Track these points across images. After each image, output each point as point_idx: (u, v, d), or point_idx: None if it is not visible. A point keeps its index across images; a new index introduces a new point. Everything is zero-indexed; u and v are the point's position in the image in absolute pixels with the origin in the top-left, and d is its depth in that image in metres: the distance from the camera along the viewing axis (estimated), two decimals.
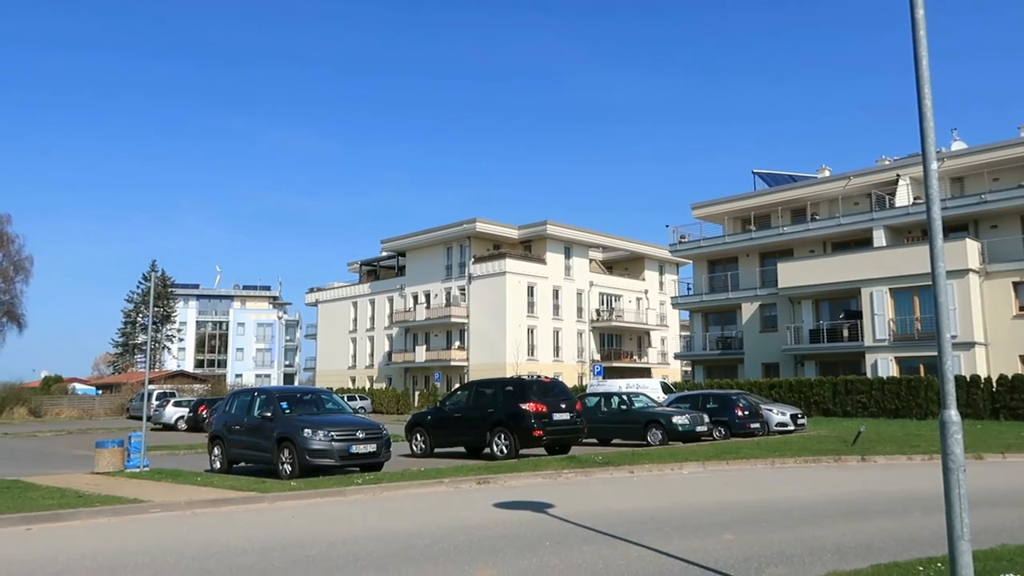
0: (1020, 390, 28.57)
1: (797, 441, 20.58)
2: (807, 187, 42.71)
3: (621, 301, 62.01)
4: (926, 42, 5.49)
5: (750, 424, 22.98)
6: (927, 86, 5.46)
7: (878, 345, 34.97)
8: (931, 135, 5.49)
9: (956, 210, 34.95)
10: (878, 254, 35.76)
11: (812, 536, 8.27)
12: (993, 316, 33.15)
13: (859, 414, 31.69)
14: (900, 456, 16.82)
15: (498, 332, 53.60)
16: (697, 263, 46.82)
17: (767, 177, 47.49)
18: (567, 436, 18.02)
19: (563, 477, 13.89)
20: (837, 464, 16.16)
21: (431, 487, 12.74)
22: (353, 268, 72.33)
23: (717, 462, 15.74)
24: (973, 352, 32.32)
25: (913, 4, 5.54)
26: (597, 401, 23.46)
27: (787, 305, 39.70)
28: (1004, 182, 35.31)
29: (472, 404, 18.80)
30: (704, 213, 46.42)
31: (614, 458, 15.98)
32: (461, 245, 57.82)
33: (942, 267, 5.29)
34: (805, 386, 34.30)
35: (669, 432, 20.69)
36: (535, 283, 55.63)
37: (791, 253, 41.46)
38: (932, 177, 5.49)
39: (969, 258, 32.79)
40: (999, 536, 7.83)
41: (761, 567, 6.82)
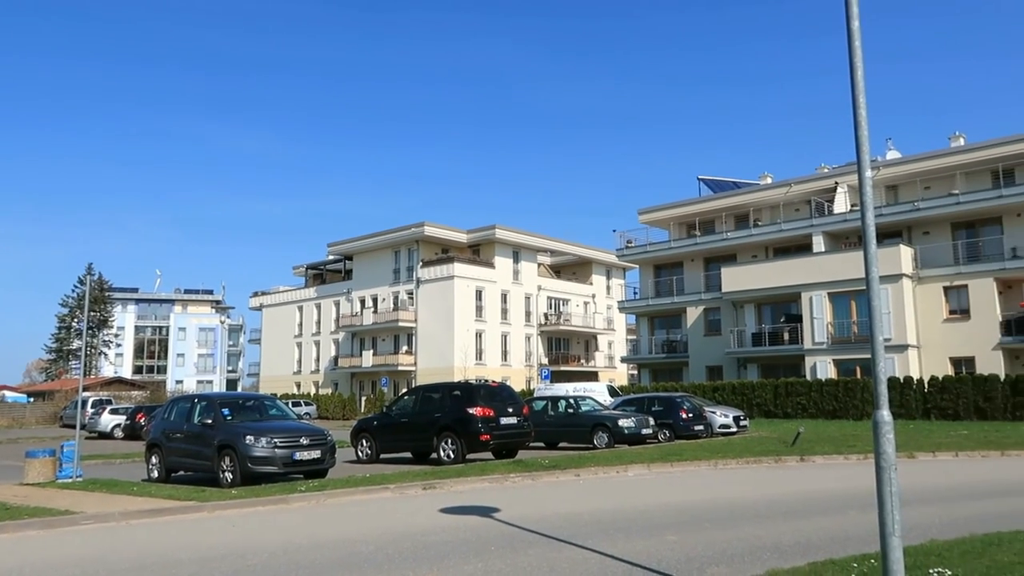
0: (950, 391, 29.65)
1: (739, 442, 20.99)
2: (750, 194, 43.69)
3: (569, 305, 62.42)
4: (861, 53, 5.64)
5: (694, 426, 23.34)
6: (862, 96, 5.61)
7: (817, 348, 35.92)
8: (865, 144, 5.64)
9: (891, 217, 36.16)
10: (817, 259, 36.76)
11: (753, 535, 8.43)
12: (925, 320, 34.35)
13: (799, 415, 32.47)
14: (837, 456, 17.28)
15: (446, 336, 53.40)
16: (643, 267, 47.44)
17: (712, 183, 48.43)
18: (514, 440, 18.04)
19: (510, 481, 13.88)
20: (777, 464, 16.53)
21: (376, 493, 12.59)
22: (299, 272, 71.23)
23: (662, 464, 15.94)
24: (906, 354, 33.44)
25: (849, 16, 5.70)
26: (544, 405, 23.55)
27: (730, 309, 40.49)
28: (935, 190, 36.67)
29: (419, 409, 18.66)
30: (650, 218, 47.07)
31: (561, 461, 16.05)
32: (409, 249, 57.47)
33: (876, 272, 5.44)
34: (747, 388, 35.02)
35: (615, 435, 20.87)
36: (483, 287, 55.62)
37: (735, 258, 42.31)
38: (866, 185, 5.65)
39: (903, 263, 33.93)
40: (929, 532, 8.10)
41: (703, 567, 6.92)
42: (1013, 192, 33.14)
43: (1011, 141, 34.51)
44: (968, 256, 34.72)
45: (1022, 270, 32.48)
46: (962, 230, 35.56)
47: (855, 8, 5.67)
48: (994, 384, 28.88)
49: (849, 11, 5.69)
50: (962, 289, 33.73)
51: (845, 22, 5.73)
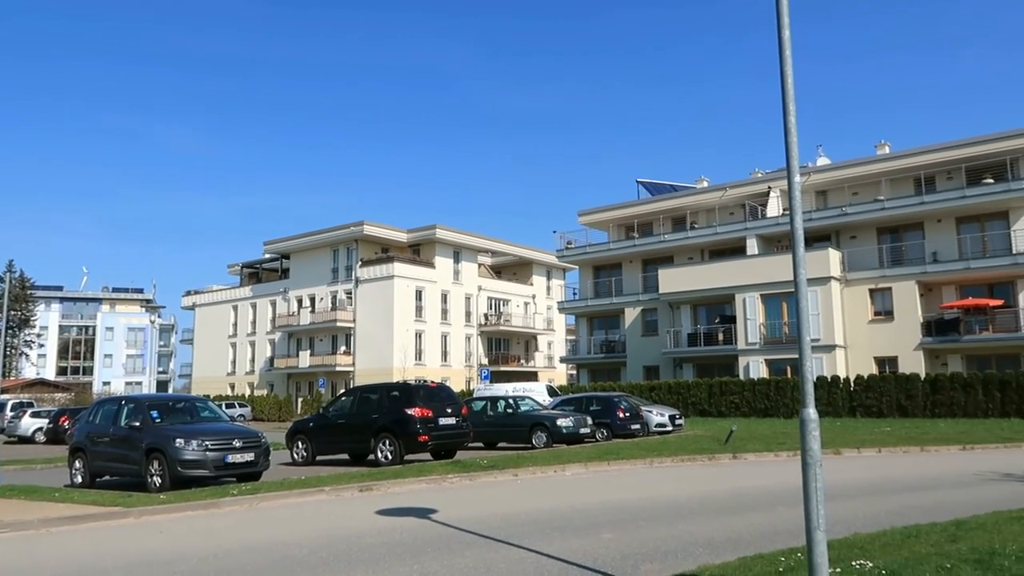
0: (874, 389, 30.80)
1: (675, 441, 21.37)
2: (687, 197, 44.56)
3: (509, 305, 62.59)
4: (791, 61, 5.81)
5: (631, 425, 23.66)
6: (791, 103, 5.78)
7: (750, 348, 36.85)
8: (795, 150, 5.81)
9: (820, 221, 37.35)
10: (750, 262, 37.72)
11: (686, 532, 8.59)
12: (852, 321, 35.58)
13: (732, 414, 33.25)
14: (768, 453, 17.76)
15: (385, 336, 52.93)
16: (583, 268, 47.90)
17: (650, 186, 49.22)
18: (453, 441, 18.00)
19: (448, 482, 13.83)
20: (711, 462, 16.89)
21: (312, 496, 12.39)
22: (234, 270, 69.62)
23: (599, 463, 16.11)
24: (834, 354, 34.58)
25: (780, 25, 5.85)
26: (483, 405, 23.56)
27: (667, 310, 41.21)
28: (863, 196, 38.04)
29: (356, 410, 18.44)
30: (590, 220, 47.57)
31: (499, 462, 16.07)
32: (348, 248, 56.76)
33: (803, 274, 5.60)
34: (683, 388, 35.69)
35: (554, 435, 21.01)
36: (424, 287, 55.33)
37: (672, 260, 43.07)
38: (795, 190, 5.81)
39: (831, 266, 35.08)
40: (853, 525, 8.38)
41: (637, 564, 7.02)
42: (934, 199, 34.61)
43: (932, 150, 36.04)
44: (892, 260, 36.12)
45: (942, 274, 33.93)
46: (887, 235, 36.98)
47: (786, 18, 5.83)
48: (915, 383, 30.11)
49: (780, 21, 5.85)
50: (886, 291, 35.06)
51: (776, 32, 5.89)
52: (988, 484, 12.28)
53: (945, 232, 35.10)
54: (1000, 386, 28.34)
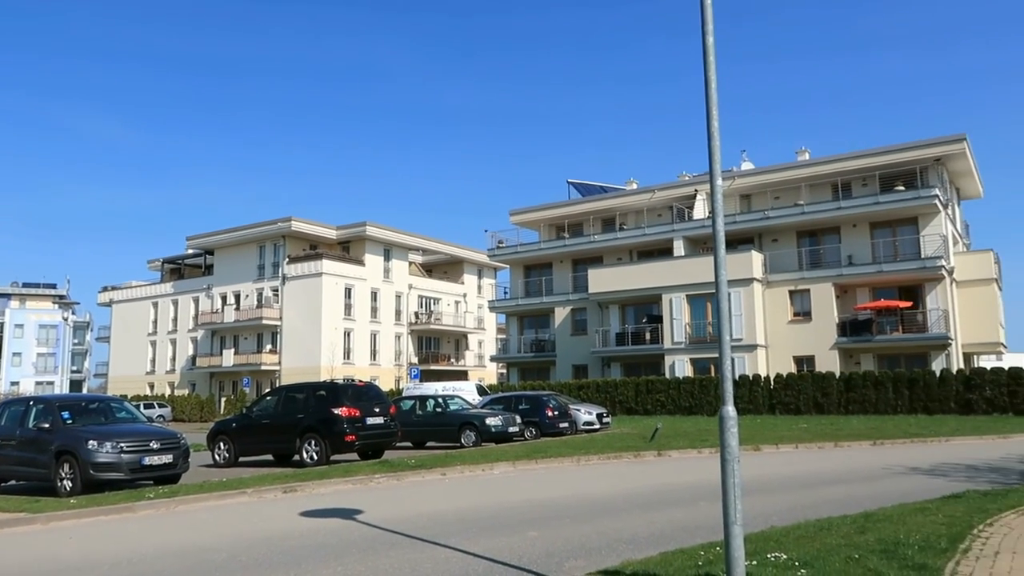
0: (793, 387, 31.91)
1: (602, 439, 21.66)
2: (616, 198, 45.23)
3: (440, 304, 62.34)
4: (715, 68, 5.94)
5: (559, 424, 23.88)
6: (715, 108, 5.91)
7: (676, 347, 37.67)
8: (717, 155, 5.94)
9: (744, 224, 38.46)
10: (677, 263, 38.55)
11: (611, 528, 8.71)
12: (773, 321, 36.76)
13: (658, 412, 33.94)
14: (692, 450, 18.17)
15: (313, 335, 52.02)
16: (514, 268, 48.10)
17: (581, 187, 49.76)
18: (381, 440, 17.80)
19: (374, 482, 13.68)
20: (637, 460, 17.19)
21: (233, 498, 12.07)
22: (155, 266, 67.24)
23: (527, 461, 16.20)
24: (756, 353, 35.66)
25: (704, 32, 5.98)
26: (412, 404, 23.41)
27: (596, 309, 41.75)
28: (784, 200, 39.33)
29: (282, 410, 18.05)
30: (521, 219, 47.80)
31: (427, 461, 15.99)
32: (275, 244, 55.53)
33: (724, 275, 5.74)
34: (611, 386, 36.22)
35: (482, 434, 21.02)
36: (353, 285, 54.59)
37: (601, 260, 43.65)
38: (717, 193, 5.94)
39: (754, 268, 36.17)
40: (771, 519, 8.65)
41: (562, 561, 7.08)
42: (849, 205, 36.08)
43: (848, 158, 37.54)
44: (811, 263, 37.48)
45: (856, 276, 35.38)
46: (806, 238, 38.34)
47: (710, 25, 5.97)
48: (830, 381, 31.32)
49: (704, 27, 5.98)
50: (805, 293, 36.35)
51: (701, 39, 6.02)
52: (895, 477, 12.86)
53: (860, 236, 36.61)
54: (908, 384, 29.73)
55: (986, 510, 8.58)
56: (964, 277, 36.72)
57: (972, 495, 9.82)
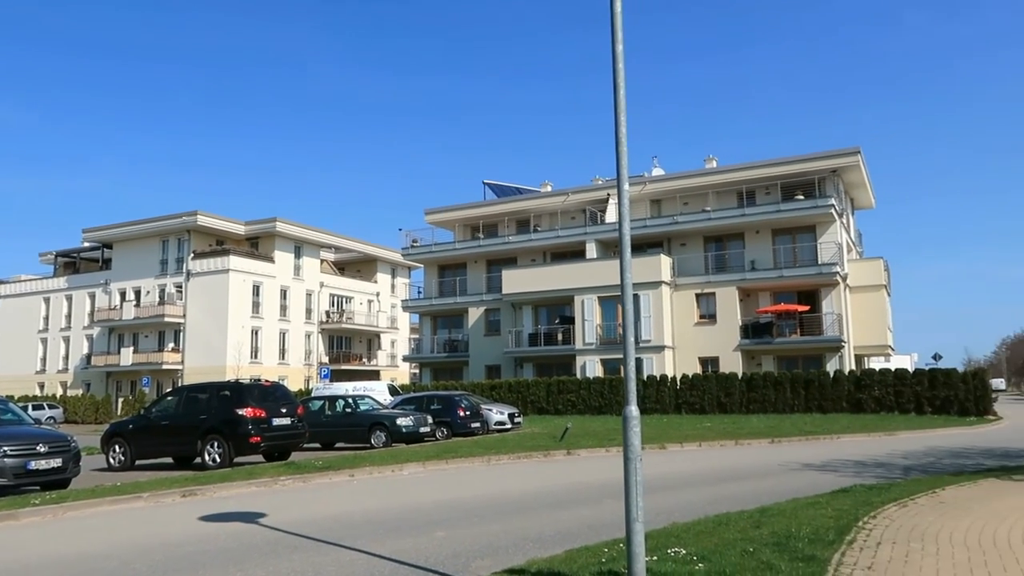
0: (698, 388, 32.93)
1: (513, 439, 21.81)
2: (531, 200, 45.63)
3: (352, 303, 61.41)
4: (624, 75, 6.07)
5: (471, 424, 23.91)
6: (623, 115, 6.04)
7: (587, 348, 38.29)
8: (624, 160, 6.07)
9: (654, 229, 39.44)
10: (589, 265, 39.19)
11: (518, 527, 8.78)
12: (680, 323, 37.85)
13: (569, 411, 34.42)
14: (600, 449, 18.51)
15: (218, 333, 50.35)
16: (428, 267, 47.87)
17: (496, 188, 49.97)
18: (287, 442, 17.40)
19: (279, 484, 13.35)
20: (546, 459, 17.38)
21: (127, 503, 11.55)
22: (47, 259, 63.60)
23: (437, 462, 16.14)
24: (663, 354, 36.64)
25: (614, 39, 6.10)
26: (322, 404, 22.98)
27: (510, 310, 41.99)
28: (692, 206, 40.57)
29: (183, 411, 17.38)
30: (437, 219, 47.62)
31: (335, 462, 15.72)
32: (179, 239, 53.48)
33: (629, 278, 5.88)
34: (523, 386, 36.50)
35: (393, 434, 20.83)
36: (261, 282, 53.14)
37: (515, 261, 43.94)
38: (624, 197, 6.08)
39: (663, 272, 37.15)
40: (673, 515, 8.90)
41: (468, 561, 7.09)
42: (753, 212, 37.53)
43: (753, 167, 39.07)
44: (716, 267, 38.79)
45: (759, 281, 36.82)
46: (712, 243, 39.64)
47: (620, 33, 6.10)
48: (733, 381, 32.48)
49: (614, 35, 6.10)
50: (711, 296, 37.57)
51: (611, 44, 6.14)
52: (790, 473, 13.46)
53: (762, 242, 38.13)
54: (805, 384, 31.16)
55: (871, 503, 9.09)
56: (857, 283, 38.75)
57: (859, 489, 10.37)
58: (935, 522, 7.93)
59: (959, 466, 13.85)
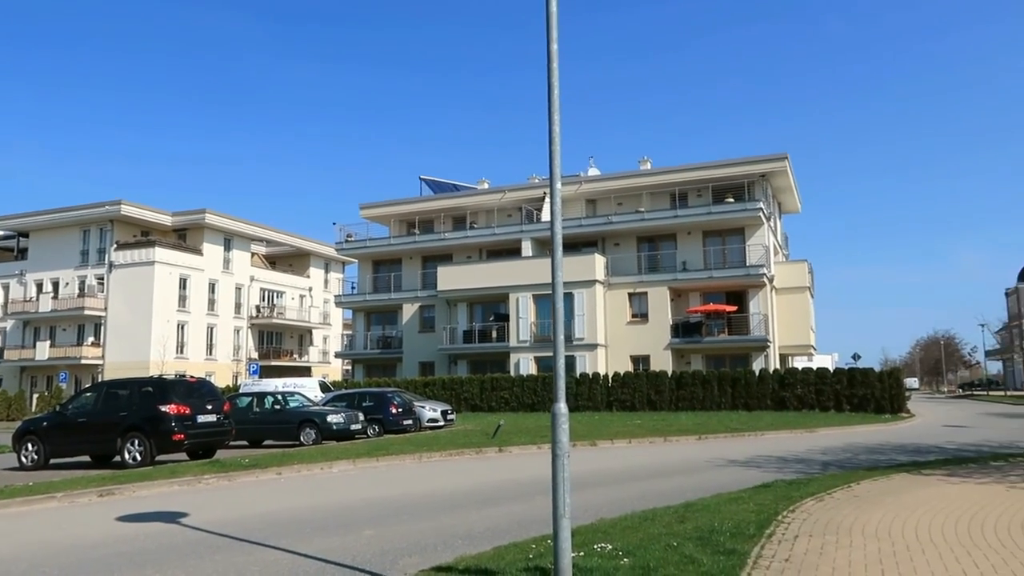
0: (629, 385, 33.44)
1: (445, 436, 21.75)
2: (468, 197, 45.55)
3: (284, 298, 60.21)
4: (558, 75, 6.10)
5: (403, 421, 23.75)
6: (557, 114, 6.08)
7: (521, 346, 38.47)
8: (558, 159, 6.11)
9: (589, 228, 39.87)
10: (525, 263, 39.36)
11: (448, 525, 8.77)
12: (613, 321, 38.36)
13: (502, 409, 34.51)
14: (532, 446, 18.61)
15: (142, 327, 48.68)
16: (363, 262, 47.31)
17: (433, 184, 49.70)
18: (213, 439, 16.95)
19: (203, 483, 13.00)
20: (478, 456, 17.39)
21: (39, 503, 11.08)
22: None
23: (368, 459, 15.98)
24: (596, 352, 37.09)
25: (549, 38, 6.13)
26: (250, 401, 22.45)
27: (445, 307, 41.85)
28: (626, 207, 41.15)
29: (102, 407, 16.75)
30: (372, 214, 47.08)
31: (262, 460, 15.40)
32: (101, 229, 51.48)
33: (560, 277, 5.92)
34: (457, 384, 36.43)
35: (323, 431, 20.53)
36: (189, 275, 51.59)
37: (451, 258, 43.81)
38: (556, 196, 6.11)
39: (597, 271, 37.59)
40: (601, 511, 9.03)
41: (396, 559, 7.04)
42: (685, 213, 38.31)
43: (685, 169, 39.87)
44: (649, 267, 39.47)
45: (689, 281, 37.61)
46: (645, 243, 40.32)
47: (555, 32, 6.13)
48: (663, 379, 33.10)
49: (549, 34, 6.14)
50: (643, 296, 38.20)
51: (546, 44, 6.17)
52: (716, 469, 13.80)
53: (694, 244, 38.96)
54: (732, 383, 31.98)
55: (791, 498, 9.40)
56: (782, 285, 39.98)
57: (780, 484, 10.71)
58: (849, 515, 8.24)
59: (874, 461, 14.44)
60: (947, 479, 11.12)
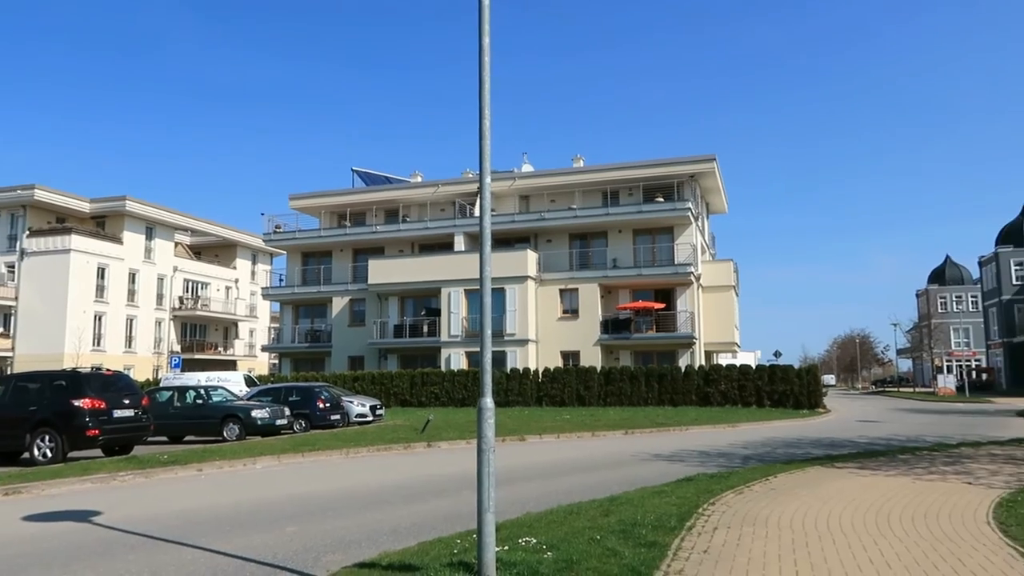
0: (559, 381, 33.77)
1: (373, 431, 21.52)
2: (401, 190, 45.15)
3: (209, 289, 58.52)
4: (489, 69, 6.09)
5: (331, 416, 23.38)
6: (487, 108, 6.07)
7: (452, 340, 38.37)
8: (488, 153, 6.12)
9: (522, 224, 40.04)
10: (457, 258, 39.27)
11: (374, 521, 8.68)
12: (544, 317, 38.63)
13: (433, 404, 34.38)
14: (461, 441, 18.60)
15: (56, 318, 46.58)
16: (291, 254, 46.38)
17: (365, 176, 49.04)
18: (130, 435, 16.33)
19: (118, 480, 12.53)
20: (407, 451, 17.27)
21: None
22: None
23: (293, 455, 15.69)
24: (527, 348, 37.30)
25: (481, 32, 6.11)
26: (170, 395, 21.74)
27: (375, 301, 41.40)
28: (559, 203, 41.47)
29: (10, 401, 15.90)
30: (302, 205, 46.18)
31: (182, 456, 14.94)
32: (13, 214, 49.02)
33: (488, 272, 5.93)
34: (386, 378, 36.11)
35: (247, 426, 20.05)
36: (108, 265, 49.60)
37: (383, 251, 43.36)
38: (486, 190, 6.14)
39: (529, 266, 37.79)
40: (528, 505, 9.09)
41: (319, 556, 6.93)
42: (617, 211, 38.86)
43: (617, 168, 40.42)
44: (580, 264, 39.89)
45: (619, 278, 38.17)
46: (577, 240, 40.73)
47: (487, 26, 6.11)
48: (592, 375, 33.54)
49: (481, 28, 6.11)
50: (574, 292, 38.59)
51: (478, 38, 6.14)
52: (641, 463, 14.06)
53: (624, 241, 39.56)
54: (659, 378, 32.64)
55: (712, 491, 9.64)
56: (709, 283, 40.97)
57: (701, 478, 10.98)
58: (766, 507, 8.52)
59: (791, 455, 14.95)
60: (858, 472, 11.60)
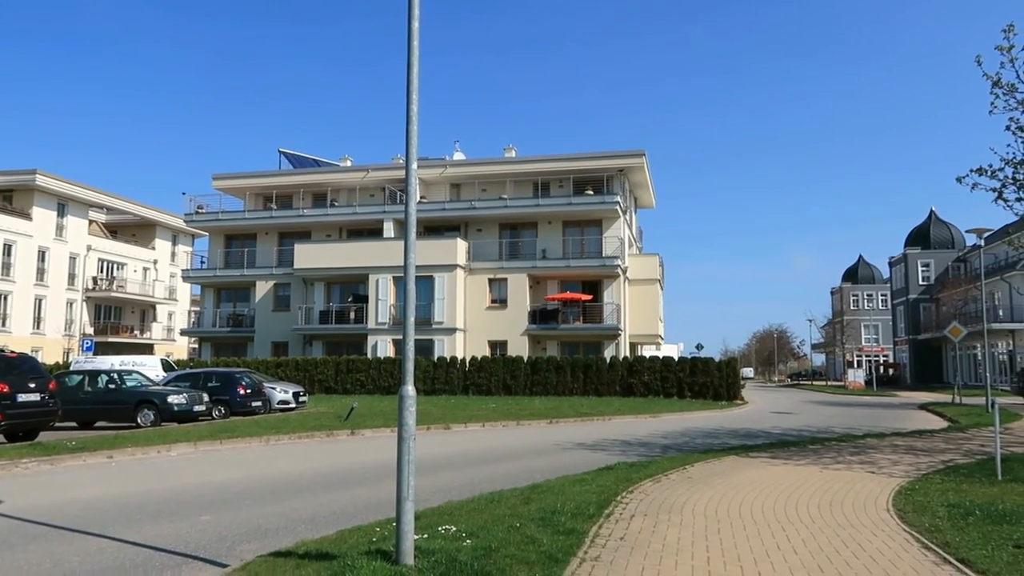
0: (486, 370, 33.85)
1: (296, 418, 21.15)
2: (329, 173, 44.31)
3: (125, 270, 56.32)
4: (418, 53, 6.03)
5: (252, 402, 22.86)
6: (415, 92, 6.01)
7: (379, 328, 37.99)
8: (415, 138, 6.07)
9: (452, 212, 39.87)
10: (386, 244, 38.84)
11: (291, 509, 8.54)
12: (472, 306, 38.61)
13: (358, 391, 33.98)
14: (385, 429, 18.44)
15: None
16: (214, 236, 45.01)
17: (292, 158, 47.95)
18: (35, 420, 15.62)
19: (21, 467, 11.95)
20: (329, 439, 17.04)
21: None
22: None
23: (210, 442, 15.28)
24: (455, 336, 37.23)
25: (410, 16, 6.04)
26: (81, 379, 20.87)
27: (301, 286, 40.61)
28: (490, 193, 41.43)
29: None
30: (225, 185, 44.84)
31: (91, 443, 14.37)
32: None
33: (412, 259, 5.93)
34: (311, 365, 35.52)
35: (163, 412, 19.42)
36: (15, 241, 47.13)
37: (309, 235, 42.52)
38: (412, 176, 6.11)
39: (458, 255, 37.67)
40: (450, 494, 9.09)
41: (234, 545, 6.78)
42: (547, 203, 39.09)
43: (549, 160, 40.65)
44: (510, 253, 40.00)
45: (548, 269, 38.45)
46: (507, 230, 40.81)
47: (416, 10, 6.05)
48: (519, 364, 33.74)
49: (411, 12, 6.05)
50: (503, 282, 38.68)
51: (407, 23, 6.07)
52: (564, 452, 14.24)
53: (554, 233, 39.85)
54: (584, 369, 33.07)
55: (630, 479, 9.84)
56: (635, 276, 41.68)
57: (621, 466, 11.19)
58: (683, 495, 8.75)
59: (708, 444, 15.39)
60: (771, 461, 12.02)
